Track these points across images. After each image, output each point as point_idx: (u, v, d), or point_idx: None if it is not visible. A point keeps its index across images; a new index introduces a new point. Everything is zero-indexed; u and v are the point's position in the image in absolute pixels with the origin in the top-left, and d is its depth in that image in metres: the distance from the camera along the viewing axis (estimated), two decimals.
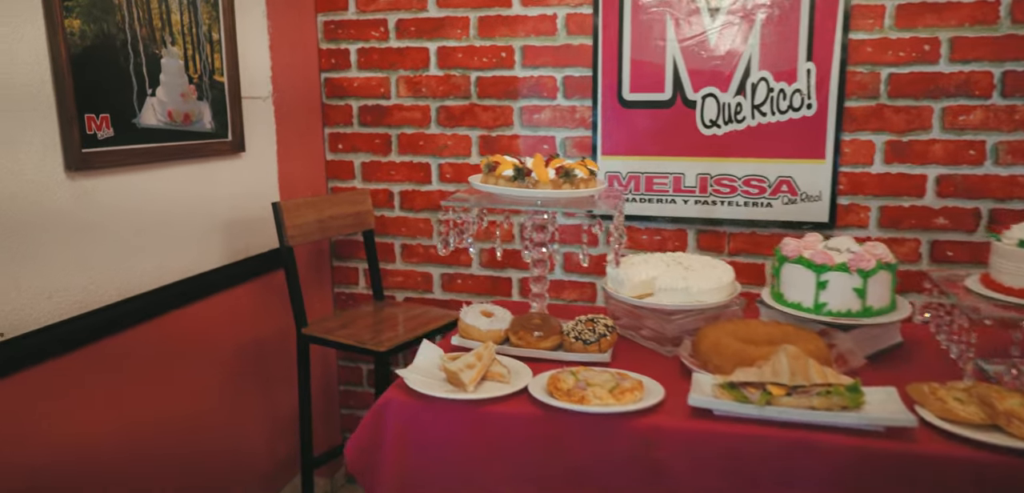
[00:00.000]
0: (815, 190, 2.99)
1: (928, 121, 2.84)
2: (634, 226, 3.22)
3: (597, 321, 1.89)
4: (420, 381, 1.66)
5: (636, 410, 1.53)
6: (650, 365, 1.85)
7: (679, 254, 2.18)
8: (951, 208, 2.89)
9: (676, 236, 3.19)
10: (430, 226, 3.46)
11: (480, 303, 2.03)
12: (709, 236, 3.16)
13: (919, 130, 2.86)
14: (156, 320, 2.56)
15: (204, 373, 2.79)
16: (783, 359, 1.51)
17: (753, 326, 1.89)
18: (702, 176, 3.10)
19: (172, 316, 2.64)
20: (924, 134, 2.86)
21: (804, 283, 1.87)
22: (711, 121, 3.04)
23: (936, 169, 2.88)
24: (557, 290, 3.34)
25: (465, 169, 3.35)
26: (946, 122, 2.82)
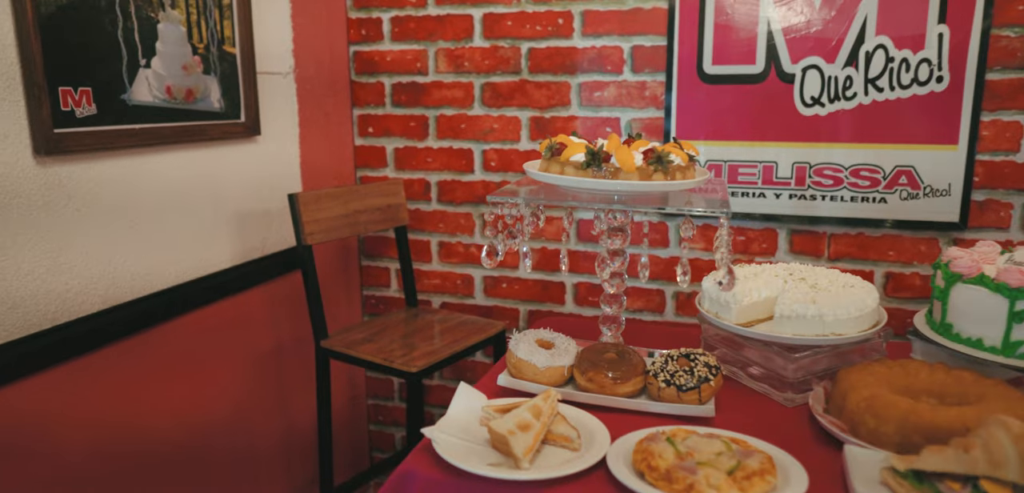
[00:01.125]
0: (943, 183, 2.43)
1: None
2: (711, 225, 2.70)
3: (695, 358, 1.41)
4: (454, 445, 1.20)
5: None
6: (763, 419, 1.37)
7: (799, 266, 1.68)
8: None
9: (763, 237, 2.67)
10: (472, 221, 2.99)
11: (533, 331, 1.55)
12: (804, 237, 2.62)
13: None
14: (153, 330, 2.16)
15: (206, 391, 2.39)
16: (1004, 439, 1.00)
17: (912, 370, 1.37)
18: (799, 165, 2.56)
19: (171, 325, 2.23)
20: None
21: (989, 312, 1.35)
22: (813, 99, 2.50)
23: None
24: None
25: (513, 156, 2.88)
26: None
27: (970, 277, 1.39)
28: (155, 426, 2.18)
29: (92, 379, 1.99)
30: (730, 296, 1.49)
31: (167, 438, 2.23)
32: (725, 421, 1.38)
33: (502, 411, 1.27)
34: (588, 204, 1.36)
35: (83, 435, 1.96)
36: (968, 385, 1.31)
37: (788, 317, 1.42)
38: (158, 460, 2.19)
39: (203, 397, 2.38)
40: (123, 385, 2.07)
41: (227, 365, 2.49)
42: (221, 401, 2.45)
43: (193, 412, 2.33)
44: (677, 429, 1.24)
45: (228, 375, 2.49)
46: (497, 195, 1.42)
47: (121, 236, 2.07)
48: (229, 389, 2.49)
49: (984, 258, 1.48)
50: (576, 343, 1.54)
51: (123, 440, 2.07)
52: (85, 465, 1.96)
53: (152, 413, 2.17)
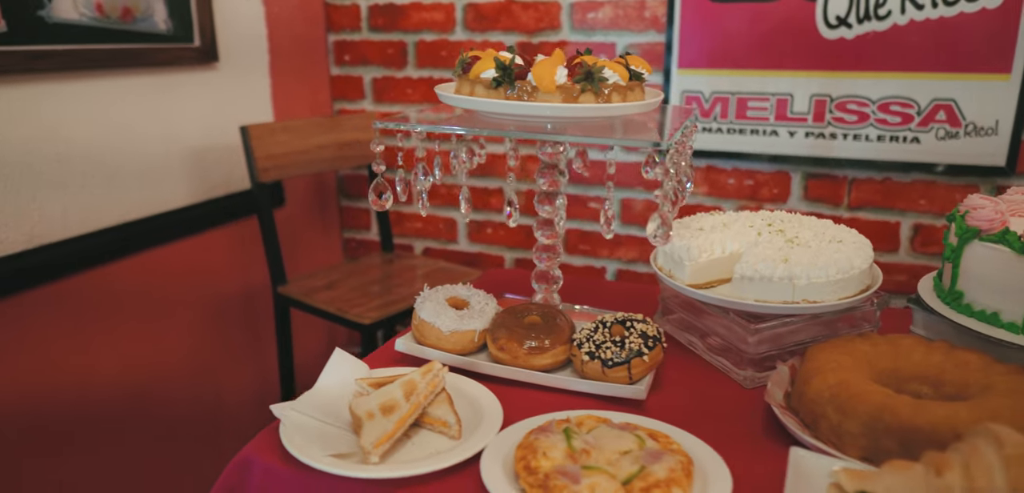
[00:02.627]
0: (989, 119, 2.05)
1: None
2: (717, 166, 2.38)
3: (632, 325, 1.14)
4: (306, 428, 0.97)
5: None
6: (713, 403, 1.11)
7: (782, 214, 1.37)
8: None
9: (774, 181, 2.34)
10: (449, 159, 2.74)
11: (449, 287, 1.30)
12: (821, 183, 2.28)
13: None
14: (91, 271, 2.00)
15: (162, 338, 2.23)
16: (992, 459, 0.72)
17: (904, 350, 1.08)
18: (819, 98, 2.21)
19: (116, 266, 2.07)
20: None
21: (1011, 279, 1.04)
22: (839, 18, 2.13)
23: None
24: (611, 247, 2.57)
25: None
26: None
27: (990, 234, 1.08)
28: (100, 374, 2.04)
29: (18, 324, 1.84)
30: (684, 251, 1.21)
31: (116, 387, 2.09)
32: (663, 404, 1.11)
33: (378, 385, 1.04)
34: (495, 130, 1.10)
35: (10, 384, 1.82)
36: (972, 373, 1.02)
37: (750, 278, 1.13)
38: (105, 411, 2.05)
39: (158, 344, 2.22)
40: (55, 331, 1.92)
41: (186, 310, 2.32)
42: (179, 348, 2.30)
43: (146, 359, 2.18)
44: (587, 416, 0.99)
45: (187, 321, 2.33)
46: (384, 120, 1.16)
47: (46, 171, 1.89)
48: (188, 336, 2.33)
49: (1016, 209, 1.15)
50: (497, 302, 1.28)
51: (57, 390, 1.93)
52: (16, 417, 1.83)
53: (96, 361, 2.03)
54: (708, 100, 2.33)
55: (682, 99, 2.35)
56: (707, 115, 2.34)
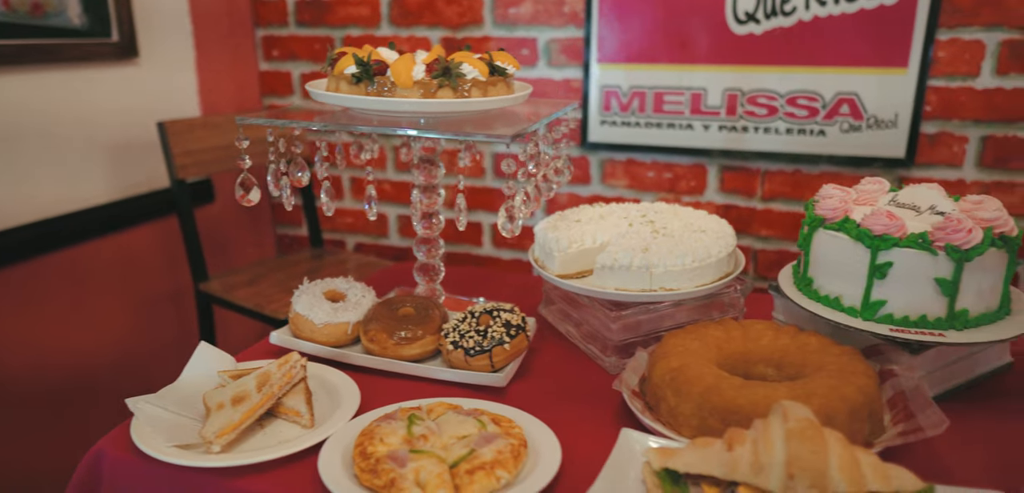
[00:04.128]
0: (889, 112, 2.12)
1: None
2: (637, 159, 2.43)
3: (499, 314, 1.17)
4: (160, 420, 0.98)
5: None
6: (580, 389, 1.14)
7: (661, 206, 1.41)
8: None
9: (692, 173, 2.39)
10: (385, 155, 2.75)
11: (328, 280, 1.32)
12: (736, 175, 2.34)
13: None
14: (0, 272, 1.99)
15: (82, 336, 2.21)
16: (776, 435, 0.76)
17: (754, 335, 1.12)
18: (731, 92, 2.26)
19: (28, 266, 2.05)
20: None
21: (851, 266, 1.09)
22: (748, 14, 2.18)
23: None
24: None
25: None
26: None
27: (833, 222, 1.12)
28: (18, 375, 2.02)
29: None
30: (554, 243, 1.24)
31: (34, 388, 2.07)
32: (527, 389, 1.15)
33: (239, 377, 1.06)
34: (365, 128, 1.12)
35: None
36: (811, 354, 1.06)
37: (610, 268, 1.17)
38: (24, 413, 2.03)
39: (80, 344, 2.21)
40: None
41: (110, 308, 2.31)
42: (103, 348, 2.29)
43: (68, 359, 2.17)
44: (438, 403, 1.01)
45: (111, 319, 2.31)
46: (246, 117, 1.18)
47: None
48: (112, 334, 2.32)
49: (866, 198, 1.20)
50: (375, 294, 1.31)
51: None
52: None
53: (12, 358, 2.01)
54: (626, 94, 2.37)
55: (602, 93, 2.39)
56: (626, 109, 2.38)
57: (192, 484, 0.91)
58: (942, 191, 1.17)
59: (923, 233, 1.04)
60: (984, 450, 0.99)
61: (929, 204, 1.14)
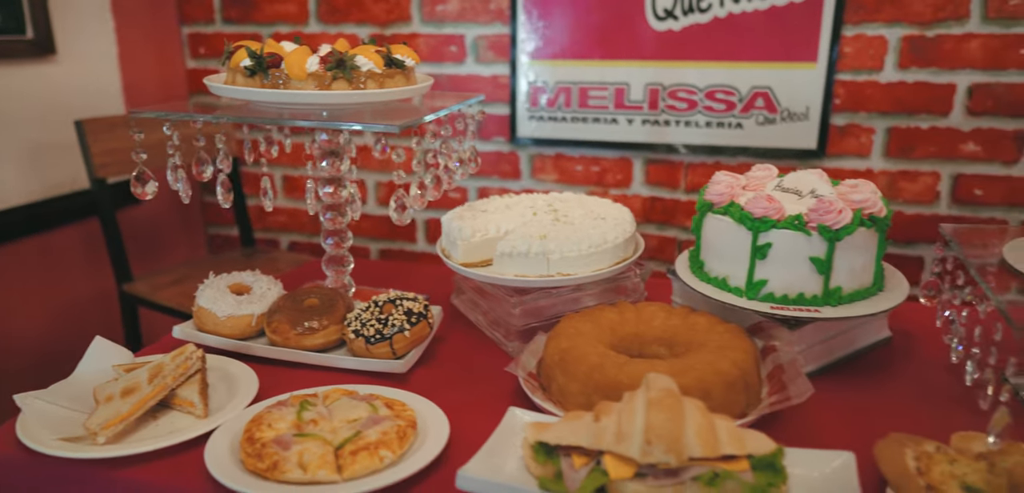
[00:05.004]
0: (801, 105, 2.21)
1: (964, 6, 2.02)
2: (566, 153, 2.47)
3: (401, 303, 1.19)
4: (50, 416, 0.98)
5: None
6: (482, 374, 1.16)
7: (568, 195, 1.45)
8: (985, 130, 2.10)
9: (618, 167, 2.44)
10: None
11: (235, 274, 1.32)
12: (660, 167, 2.40)
13: (952, 20, 2.04)
14: None
15: None
16: (639, 404, 0.80)
17: (648, 316, 1.17)
18: (652, 87, 2.32)
19: None
20: (958, 26, 2.04)
21: (735, 247, 1.14)
22: (666, 11, 2.25)
23: (969, 75, 2.07)
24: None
25: None
26: (990, 9, 2.01)
27: (720, 206, 1.18)
28: None
29: None
30: (458, 232, 1.27)
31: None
32: (430, 375, 1.17)
33: (129, 371, 1.06)
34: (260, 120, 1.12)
35: None
36: (698, 333, 1.11)
37: (509, 255, 1.20)
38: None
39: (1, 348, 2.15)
40: None
41: (31, 312, 2.25)
42: (23, 351, 2.23)
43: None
44: (334, 390, 1.03)
45: (29, 322, 2.25)
46: (139, 111, 1.18)
47: None
48: (31, 338, 2.26)
49: (755, 184, 1.26)
50: (283, 287, 1.31)
51: None
52: None
53: None
54: (553, 90, 2.41)
55: (529, 89, 2.43)
56: (553, 104, 2.42)
57: (77, 477, 0.91)
58: (824, 176, 1.23)
59: (798, 215, 1.10)
60: (855, 417, 1.05)
61: (810, 188, 1.20)
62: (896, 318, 1.34)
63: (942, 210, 2.20)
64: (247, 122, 1.21)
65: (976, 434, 0.91)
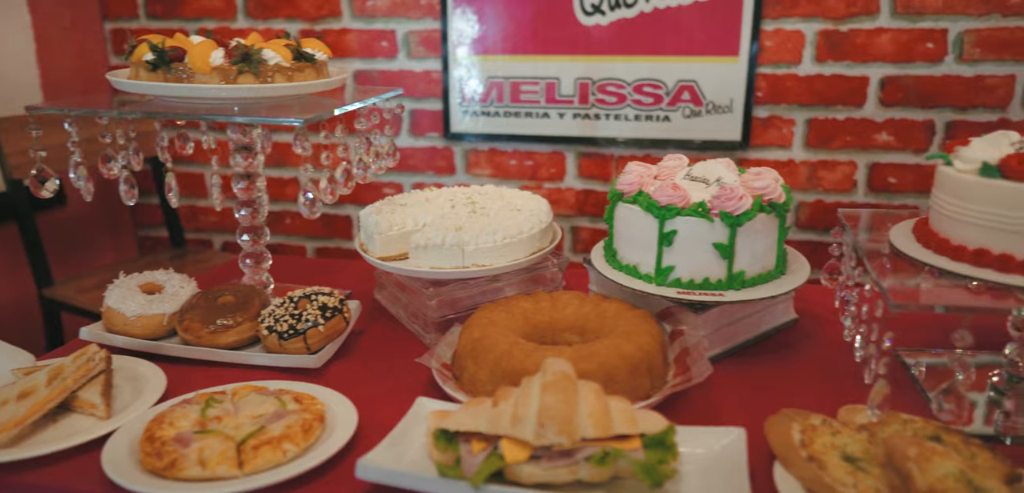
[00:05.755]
0: (725, 98, 2.27)
1: (875, 2, 2.11)
2: (500, 148, 2.49)
3: (316, 298, 1.19)
4: None
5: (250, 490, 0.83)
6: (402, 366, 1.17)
7: (489, 189, 1.47)
8: (898, 120, 2.19)
9: (552, 161, 2.47)
10: None
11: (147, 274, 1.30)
12: (592, 161, 2.44)
13: (863, 15, 2.13)
14: None
15: None
16: (533, 390, 0.81)
17: (561, 304, 1.19)
18: (582, 81, 2.36)
19: None
20: (869, 21, 2.13)
21: (644, 235, 1.17)
22: (594, 6, 2.28)
23: (881, 68, 2.16)
24: None
25: None
26: (899, 4, 2.10)
27: (629, 196, 1.21)
28: None
29: None
30: (374, 226, 1.27)
31: None
32: (347, 370, 1.17)
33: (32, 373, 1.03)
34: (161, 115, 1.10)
35: None
36: (608, 320, 1.14)
37: (424, 247, 1.21)
38: None
39: None
40: None
41: None
42: None
43: None
44: (244, 386, 1.03)
45: None
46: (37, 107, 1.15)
47: None
48: None
49: (665, 173, 1.30)
50: (197, 285, 1.30)
51: None
52: None
53: None
54: (485, 85, 2.42)
55: (461, 84, 2.44)
56: (485, 100, 2.44)
57: None
58: (731, 165, 1.27)
59: (702, 203, 1.14)
60: (759, 396, 1.09)
61: (716, 177, 1.24)
62: (803, 301, 1.40)
63: (859, 198, 2.29)
64: (149, 117, 1.19)
65: (860, 407, 0.96)
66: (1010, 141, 1.00)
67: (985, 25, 2.06)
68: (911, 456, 0.79)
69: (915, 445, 0.81)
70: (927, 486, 0.76)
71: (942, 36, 2.10)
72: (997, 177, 0.91)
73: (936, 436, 0.89)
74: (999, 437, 0.97)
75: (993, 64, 2.09)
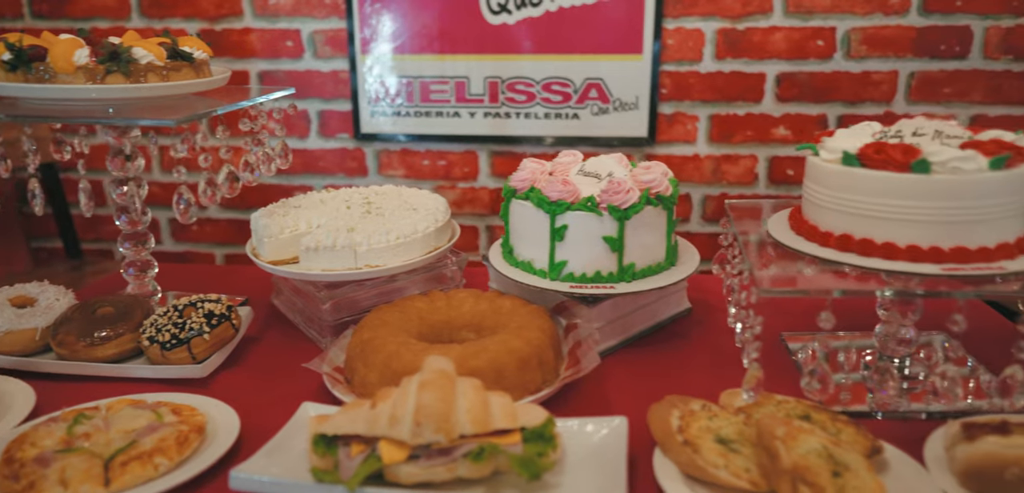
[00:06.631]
0: (631, 95, 2.32)
1: (768, 2, 2.20)
2: (412, 148, 2.47)
3: (202, 305, 1.14)
4: None
5: None
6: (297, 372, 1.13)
7: (388, 188, 1.45)
8: (793, 115, 2.29)
9: (464, 160, 2.47)
10: (148, 153, 2.58)
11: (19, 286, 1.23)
12: (504, 159, 2.45)
13: (758, 14, 2.21)
14: None
15: None
16: (411, 389, 0.81)
17: (457, 302, 1.19)
18: (491, 80, 2.36)
19: None
20: (764, 19, 2.21)
21: (537, 231, 1.18)
22: (500, 5, 2.29)
23: (777, 65, 2.25)
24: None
25: None
26: (790, 4, 2.19)
27: (522, 192, 1.22)
28: None
29: None
30: (264, 229, 1.24)
31: None
32: (237, 379, 1.13)
33: None
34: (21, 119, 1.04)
35: None
36: (503, 316, 1.15)
37: (314, 250, 1.19)
38: None
39: None
40: None
41: None
42: None
43: None
44: (119, 401, 0.98)
45: None
46: None
47: None
48: None
49: (560, 169, 1.31)
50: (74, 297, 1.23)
51: None
52: None
53: None
54: (394, 85, 2.40)
55: (370, 84, 2.40)
56: (395, 100, 2.41)
57: None
58: (623, 160, 1.30)
59: (591, 197, 1.15)
60: (651, 384, 1.11)
61: (608, 171, 1.26)
62: (700, 291, 1.44)
63: (761, 190, 2.38)
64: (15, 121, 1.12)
65: (739, 391, 0.99)
66: (871, 132, 1.05)
67: (869, 24, 2.18)
68: (778, 435, 0.82)
69: (783, 425, 0.84)
70: (791, 462, 0.79)
71: (831, 34, 2.20)
72: (856, 165, 0.96)
73: (806, 415, 0.93)
74: (871, 413, 1.02)
75: (878, 60, 2.21)
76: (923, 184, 0.90)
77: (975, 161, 0.89)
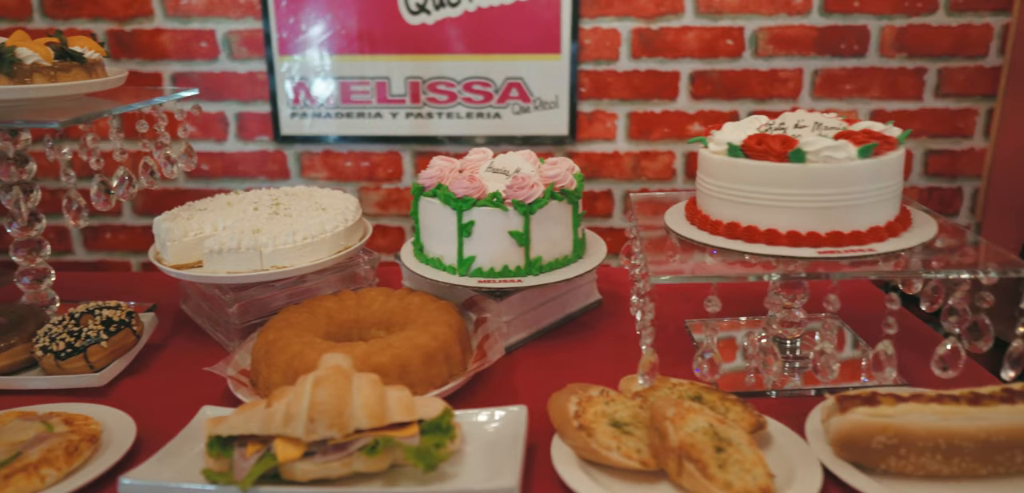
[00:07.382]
0: (551, 94, 2.35)
1: (680, 2, 2.27)
2: (334, 150, 2.44)
3: (100, 313, 1.11)
4: None
5: None
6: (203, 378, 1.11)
7: (298, 189, 1.44)
8: (707, 112, 2.37)
9: (388, 161, 2.46)
10: None
11: None
12: (428, 159, 2.43)
13: (670, 14, 2.28)
14: None
15: None
16: (306, 387, 0.81)
17: (367, 300, 1.19)
18: (412, 80, 2.36)
19: None
20: (676, 19, 2.28)
21: (445, 227, 1.20)
22: (419, 5, 2.29)
23: (690, 63, 2.32)
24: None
25: None
26: (701, 4, 2.26)
27: (429, 189, 1.23)
28: None
29: None
30: (167, 233, 1.21)
31: None
32: (140, 386, 1.11)
33: None
34: None
35: None
36: (412, 312, 1.16)
37: (218, 252, 1.17)
38: None
39: None
40: None
41: None
42: None
43: None
44: (8, 413, 0.95)
45: None
46: None
47: None
48: None
49: (470, 166, 1.33)
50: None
51: None
52: None
53: None
54: (313, 86, 2.37)
55: (289, 86, 2.37)
56: (314, 101, 2.38)
57: None
58: (531, 156, 1.32)
59: (496, 193, 1.18)
60: (560, 374, 1.13)
61: (516, 168, 1.28)
62: (611, 283, 1.48)
63: (679, 185, 2.45)
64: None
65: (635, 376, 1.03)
66: (757, 124, 1.11)
67: (775, 23, 2.28)
68: (668, 416, 0.85)
69: (674, 406, 0.88)
70: (678, 441, 0.82)
71: (740, 34, 2.29)
72: (740, 156, 1.01)
73: (698, 396, 0.97)
74: (767, 392, 1.08)
75: (784, 58, 2.31)
76: (799, 172, 0.95)
77: (846, 150, 0.95)
